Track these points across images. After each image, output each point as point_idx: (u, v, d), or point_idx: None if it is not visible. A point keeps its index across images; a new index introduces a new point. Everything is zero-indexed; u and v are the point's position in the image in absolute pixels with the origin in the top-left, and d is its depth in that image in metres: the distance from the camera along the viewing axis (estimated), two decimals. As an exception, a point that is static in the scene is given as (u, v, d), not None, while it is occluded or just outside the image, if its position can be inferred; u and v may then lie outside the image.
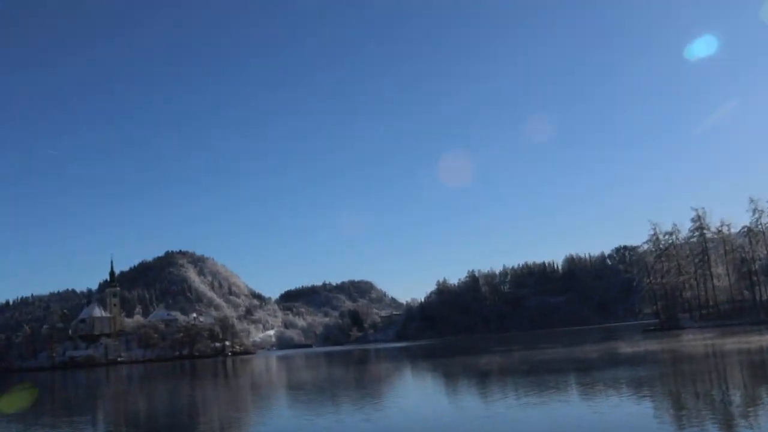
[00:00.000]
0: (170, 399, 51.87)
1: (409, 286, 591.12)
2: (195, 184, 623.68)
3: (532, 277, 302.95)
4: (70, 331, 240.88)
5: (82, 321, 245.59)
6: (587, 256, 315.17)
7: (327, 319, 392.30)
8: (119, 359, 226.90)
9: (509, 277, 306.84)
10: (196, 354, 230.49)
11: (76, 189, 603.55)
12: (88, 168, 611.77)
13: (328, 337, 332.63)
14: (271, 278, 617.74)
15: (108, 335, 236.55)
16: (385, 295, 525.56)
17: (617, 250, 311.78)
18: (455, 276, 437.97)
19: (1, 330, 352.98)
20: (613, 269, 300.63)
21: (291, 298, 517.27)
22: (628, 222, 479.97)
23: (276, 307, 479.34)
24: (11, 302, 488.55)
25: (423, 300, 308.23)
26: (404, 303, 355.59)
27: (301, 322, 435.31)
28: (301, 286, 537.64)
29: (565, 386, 36.93)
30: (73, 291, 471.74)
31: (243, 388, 59.06)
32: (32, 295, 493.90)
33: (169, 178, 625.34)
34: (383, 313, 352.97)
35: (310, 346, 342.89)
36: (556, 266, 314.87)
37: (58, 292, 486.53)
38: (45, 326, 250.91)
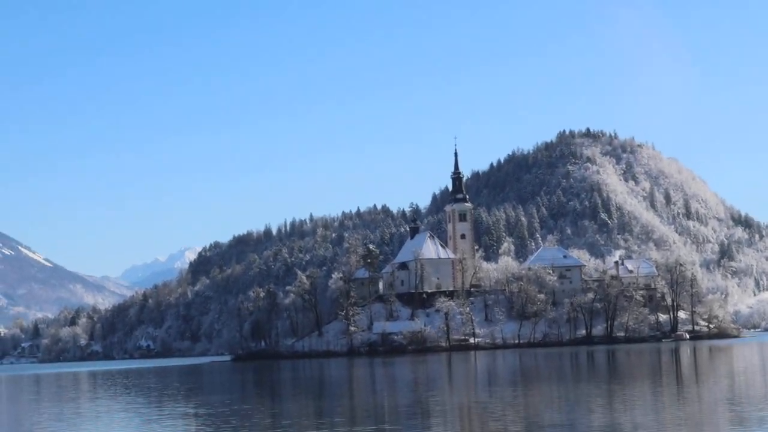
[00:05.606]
0: None
1: None
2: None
3: None
4: (380, 285, 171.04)
5: (402, 267, 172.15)
6: None
7: None
8: (471, 339, 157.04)
9: None
10: (618, 334, 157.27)
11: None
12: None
13: None
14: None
15: (450, 294, 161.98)
16: None
17: None
18: None
19: (259, 281, 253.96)
20: None
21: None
22: None
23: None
24: (277, 229, 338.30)
25: None
26: None
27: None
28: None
29: None
30: (385, 210, 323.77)
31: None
32: (311, 216, 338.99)
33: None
34: None
35: None
36: None
37: (357, 211, 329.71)
38: (334, 275, 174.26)
